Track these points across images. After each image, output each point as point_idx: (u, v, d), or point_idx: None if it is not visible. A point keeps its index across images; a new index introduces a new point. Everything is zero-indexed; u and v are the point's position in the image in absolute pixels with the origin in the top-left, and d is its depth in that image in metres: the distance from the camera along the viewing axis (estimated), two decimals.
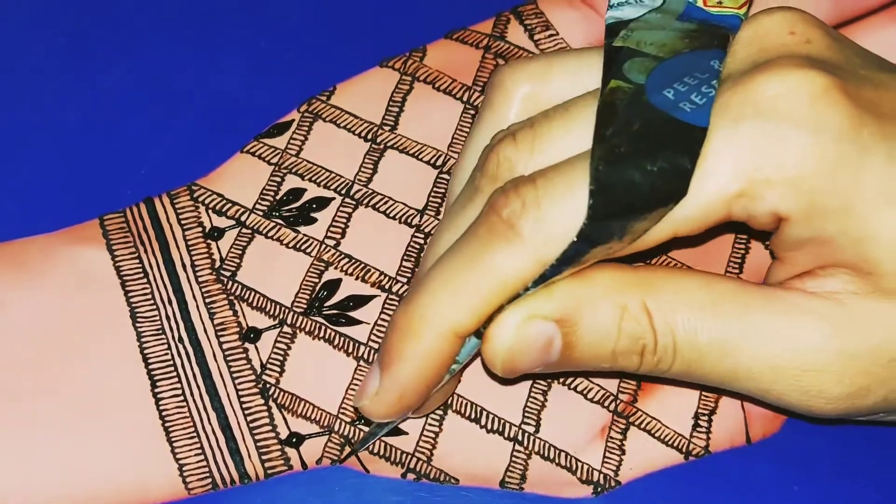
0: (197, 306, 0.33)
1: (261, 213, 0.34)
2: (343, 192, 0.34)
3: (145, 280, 0.33)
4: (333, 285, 0.33)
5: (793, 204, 0.25)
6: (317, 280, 0.33)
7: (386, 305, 0.33)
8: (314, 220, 0.34)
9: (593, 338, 0.26)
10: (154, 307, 0.32)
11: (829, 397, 0.26)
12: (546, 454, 0.31)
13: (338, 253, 0.33)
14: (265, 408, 0.31)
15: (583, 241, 0.24)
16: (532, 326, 0.26)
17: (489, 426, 0.31)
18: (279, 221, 0.34)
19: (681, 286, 0.26)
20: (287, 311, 0.32)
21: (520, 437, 0.31)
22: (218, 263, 0.33)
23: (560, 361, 0.27)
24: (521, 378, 0.31)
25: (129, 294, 0.32)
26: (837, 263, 0.26)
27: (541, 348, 0.26)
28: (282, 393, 0.31)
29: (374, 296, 0.33)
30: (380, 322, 0.32)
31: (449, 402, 0.31)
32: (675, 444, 0.31)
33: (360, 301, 0.33)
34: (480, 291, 0.26)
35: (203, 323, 0.32)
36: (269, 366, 0.32)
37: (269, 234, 0.34)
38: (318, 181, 0.34)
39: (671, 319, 0.26)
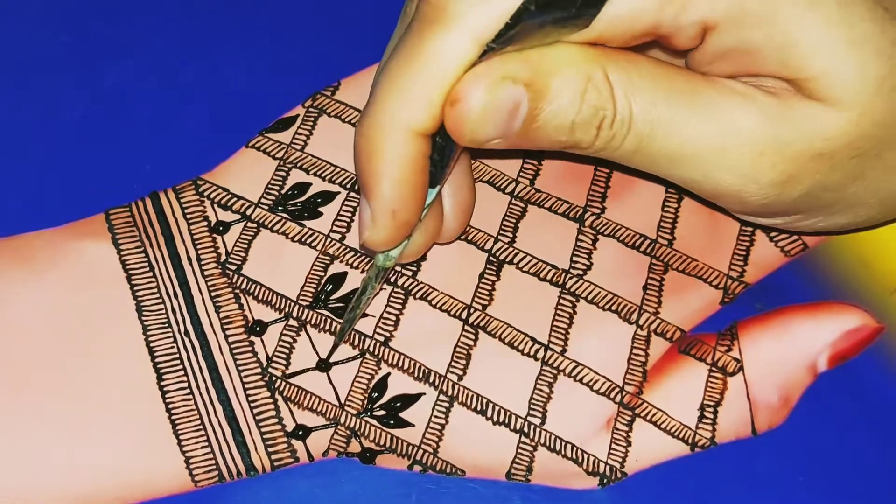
0: (203, 300, 0.33)
1: (266, 208, 0.34)
2: (348, 186, 0.34)
3: (151, 274, 0.33)
4: (339, 279, 0.33)
5: (722, 9, 0.25)
6: (322, 273, 0.33)
7: (391, 298, 0.33)
8: (320, 214, 0.34)
9: (557, 106, 0.26)
10: (160, 301, 0.32)
11: (761, 182, 0.27)
12: (552, 446, 0.31)
13: (343, 246, 0.33)
14: (271, 400, 0.31)
15: (520, 18, 0.24)
16: (503, 89, 0.25)
17: (495, 418, 0.31)
18: (284, 215, 0.34)
19: (639, 63, 0.26)
20: (293, 304, 0.33)
21: (526, 429, 0.31)
22: (223, 257, 0.33)
23: (521, 131, 0.26)
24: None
25: (135, 288, 0.32)
26: (761, 72, 0.26)
27: (508, 113, 0.26)
28: (288, 385, 0.32)
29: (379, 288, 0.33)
30: (385, 315, 0.32)
31: (455, 394, 0.31)
32: (681, 436, 0.31)
33: None
34: (425, 81, 0.25)
35: (209, 316, 0.32)
36: (274, 359, 0.32)
37: (275, 228, 0.34)
38: (323, 175, 0.35)
39: (630, 92, 0.26)
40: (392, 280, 0.33)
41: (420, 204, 0.28)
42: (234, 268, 0.33)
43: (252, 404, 0.31)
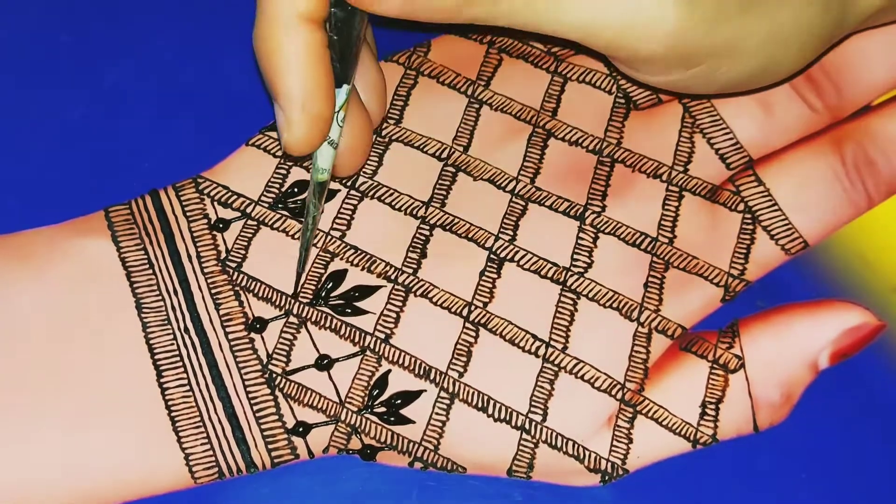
0: (203, 297, 0.32)
1: (266, 205, 0.34)
2: (348, 183, 0.34)
3: (150, 271, 0.33)
4: (339, 276, 0.33)
5: None
6: (322, 271, 0.33)
7: (392, 296, 0.33)
8: None
9: None
10: (159, 298, 0.32)
11: (666, 28, 0.28)
12: (553, 443, 0.31)
13: (343, 244, 0.33)
14: (271, 397, 0.31)
15: None
16: None
17: (496, 415, 0.31)
18: (284, 213, 0.34)
19: None
20: (293, 301, 0.32)
21: (527, 426, 0.31)
22: (223, 254, 0.33)
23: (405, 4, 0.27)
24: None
25: (135, 285, 0.32)
26: None
27: None
28: (288, 382, 0.31)
29: (380, 286, 0.33)
30: (385, 312, 0.32)
31: (456, 391, 0.31)
32: (683, 433, 0.31)
33: (366, 291, 0.33)
34: None
35: (209, 313, 0.32)
36: (275, 356, 0.32)
37: (275, 226, 0.34)
38: None
39: None
40: (393, 278, 0.33)
41: (328, 93, 0.29)
42: (234, 265, 0.33)
43: (252, 401, 0.31)
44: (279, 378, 0.31)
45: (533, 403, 0.31)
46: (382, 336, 0.32)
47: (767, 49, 0.29)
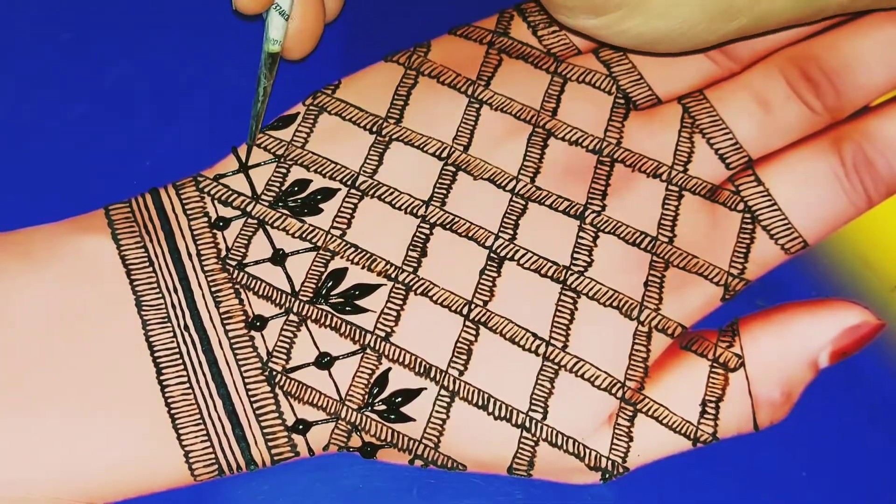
0: (203, 295, 0.32)
1: (267, 204, 0.34)
2: (349, 183, 0.34)
3: (150, 269, 0.33)
4: (339, 274, 0.33)
5: None
6: (323, 269, 0.33)
7: (392, 294, 0.33)
8: (320, 211, 0.34)
9: None
10: (159, 295, 0.32)
11: None
12: (554, 441, 0.31)
13: (344, 243, 0.33)
14: (271, 395, 0.31)
15: None
16: None
17: (497, 413, 0.31)
18: (285, 212, 0.34)
19: None
20: (293, 299, 0.32)
21: (527, 424, 0.31)
22: (224, 253, 0.33)
23: None
24: None
25: (135, 283, 0.32)
26: None
27: None
28: (288, 380, 0.31)
29: (380, 285, 0.33)
30: (386, 310, 0.32)
31: (456, 389, 0.31)
32: (683, 431, 0.31)
33: (367, 290, 0.33)
34: None
35: (209, 311, 0.32)
36: (275, 353, 0.32)
37: (275, 224, 0.34)
38: (323, 172, 0.34)
39: None
40: (393, 276, 0.33)
41: None
42: (234, 263, 0.33)
43: (252, 399, 0.31)
44: (279, 376, 0.31)
45: (533, 402, 0.31)
46: (383, 334, 0.32)
47: (679, 10, 0.30)
